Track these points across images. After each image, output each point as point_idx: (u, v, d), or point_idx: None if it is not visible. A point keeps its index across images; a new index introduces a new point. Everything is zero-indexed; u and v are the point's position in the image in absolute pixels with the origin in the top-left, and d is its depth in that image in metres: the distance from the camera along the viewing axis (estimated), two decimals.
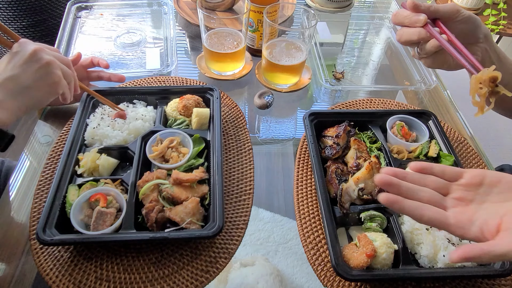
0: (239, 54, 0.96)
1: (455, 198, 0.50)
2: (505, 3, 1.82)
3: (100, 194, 0.64)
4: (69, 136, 0.73)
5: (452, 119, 0.95)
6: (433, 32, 0.61)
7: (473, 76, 0.54)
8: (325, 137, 0.79)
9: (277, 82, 0.96)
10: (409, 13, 0.63)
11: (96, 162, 0.71)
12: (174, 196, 0.65)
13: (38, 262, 0.62)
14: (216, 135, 0.75)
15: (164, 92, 0.85)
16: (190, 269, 0.62)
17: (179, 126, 0.80)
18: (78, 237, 0.59)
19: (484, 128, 2.16)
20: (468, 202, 0.50)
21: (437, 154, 0.77)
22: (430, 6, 0.62)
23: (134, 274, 0.61)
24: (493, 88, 0.51)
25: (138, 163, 0.71)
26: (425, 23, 0.62)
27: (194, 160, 0.72)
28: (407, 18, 0.63)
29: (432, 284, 0.63)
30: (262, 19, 0.92)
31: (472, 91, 0.51)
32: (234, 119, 0.87)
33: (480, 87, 0.51)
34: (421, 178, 0.52)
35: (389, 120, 0.80)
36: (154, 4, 1.24)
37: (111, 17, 1.18)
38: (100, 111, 0.80)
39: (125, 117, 0.79)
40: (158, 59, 1.04)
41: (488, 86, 0.50)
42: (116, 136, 0.75)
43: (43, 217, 0.60)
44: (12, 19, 1.56)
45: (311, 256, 0.65)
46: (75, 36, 1.10)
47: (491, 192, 0.50)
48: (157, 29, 1.15)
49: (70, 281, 0.60)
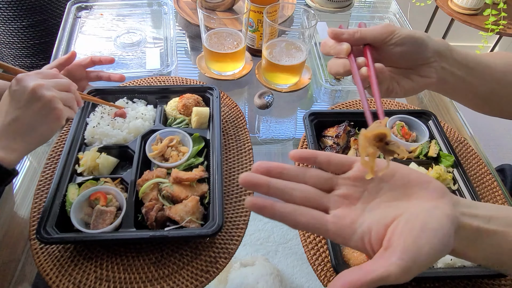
0: (239, 54, 0.96)
1: (339, 196, 0.41)
2: (505, 3, 1.82)
3: (100, 193, 0.65)
4: (69, 135, 0.73)
5: (452, 119, 0.95)
6: (351, 64, 0.53)
7: (360, 133, 0.43)
8: (325, 137, 0.79)
9: (277, 82, 0.96)
10: (333, 42, 0.55)
11: (96, 161, 0.71)
12: (173, 194, 0.65)
13: (38, 262, 0.61)
14: (215, 134, 0.75)
15: (164, 91, 0.85)
16: (190, 269, 0.62)
17: (179, 125, 0.80)
18: (78, 235, 0.59)
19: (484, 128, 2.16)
20: (354, 201, 0.41)
21: (437, 154, 0.77)
22: (355, 33, 0.53)
23: (134, 273, 0.61)
24: (384, 147, 0.40)
25: (138, 162, 0.71)
26: (348, 53, 0.53)
27: (193, 159, 0.72)
28: (332, 48, 0.55)
29: (432, 284, 0.63)
30: (262, 19, 0.92)
31: (360, 149, 0.41)
32: (234, 119, 0.87)
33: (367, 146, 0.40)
34: (300, 172, 0.42)
35: (389, 120, 0.80)
36: (154, 4, 1.24)
37: (111, 17, 1.18)
38: (100, 110, 0.80)
39: (125, 116, 0.79)
40: (158, 59, 1.04)
41: (374, 145, 0.40)
42: (116, 135, 0.75)
43: (43, 215, 0.61)
44: (12, 19, 1.56)
45: (311, 256, 0.65)
46: (75, 36, 1.10)
47: (382, 188, 0.41)
48: (157, 29, 1.15)
49: (70, 281, 0.60)
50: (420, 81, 0.56)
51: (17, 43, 1.66)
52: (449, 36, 2.09)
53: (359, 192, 0.41)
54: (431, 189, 0.40)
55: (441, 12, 1.97)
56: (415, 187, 0.40)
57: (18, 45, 1.66)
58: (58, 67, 0.79)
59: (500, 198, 0.75)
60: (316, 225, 0.39)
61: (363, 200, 0.41)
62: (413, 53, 0.54)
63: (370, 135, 0.40)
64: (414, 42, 0.53)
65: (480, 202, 0.40)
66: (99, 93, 0.83)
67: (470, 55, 0.58)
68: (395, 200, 0.40)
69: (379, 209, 0.39)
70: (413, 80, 0.56)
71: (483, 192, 0.76)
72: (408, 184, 0.41)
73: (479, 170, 0.80)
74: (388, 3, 1.35)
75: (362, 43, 0.54)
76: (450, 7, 1.91)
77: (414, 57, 0.55)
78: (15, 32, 1.61)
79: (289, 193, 0.40)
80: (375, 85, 0.50)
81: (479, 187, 0.77)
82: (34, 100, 0.57)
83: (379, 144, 0.40)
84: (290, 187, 0.41)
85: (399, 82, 0.56)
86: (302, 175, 0.42)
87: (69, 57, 0.81)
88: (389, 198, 0.40)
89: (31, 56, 1.72)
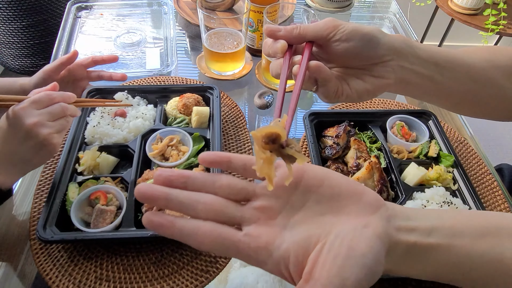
0: (239, 54, 0.96)
1: (256, 208, 0.35)
2: (505, 3, 1.82)
3: (100, 192, 0.65)
4: (69, 135, 0.73)
5: (452, 119, 0.95)
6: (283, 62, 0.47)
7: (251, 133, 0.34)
8: (325, 137, 0.79)
9: (277, 82, 0.96)
10: (272, 41, 0.49)
11: (96, 160, 0.71)
12: None
13: (38, 262, 0.61)
14: (215, 134, 0.75)
15: (164, 91, 0.85)
16: (190, 269, 0.62)
17: (179, 125, 0.80)
18: (79, 234, 0.59)
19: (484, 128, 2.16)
20: (273, 215, 0.35)
21: (437, 154, 0.77)
22: (293, 29, 0.48)
23: (134, 273, 0.61)
24: (279, 151, 0.32)
25: (138, 161, 0.71)
26: (284, 51, 0.48)
27: (194, 159, 0.72)
28: (270, 47, 0.49)
29: (432, 284, 0.62)
30: (262, 19, 0.92)
31: (255, 152, 0.33)
32: (234, 119, 0.87)
33: None
34: (208, 181, 0.36)
35: (389, 120, 0.81)
36: (154, 4, 1.24)
37: (111, 17, 1.18)
38: (100, 110, 0.80)
39: (125, 115, 0.79)
40: (158, 59, 1.04)
41: (265, 148, 0.32)
42: (116, 134, 0.75)
43: (44, 215, 0.61)
44: (12, 19, 1.56)
45: None
46: (75, 36, 1.10)
47: (308, 200, 0.35)
48: (157, 29, 1.15)
49: (70, 281, 0.59)
50: (375, 82, 0.50)
51: (17, 43, 1.66)
52: (449, 36, 2.10)
53: (281, 204, 0.35)
54: (363, 202, 0.35)
55: (441, 12, 1.97)
56: (345, 199, 0.35)
57: (18, 45, 1.67)
58: (60, 66, 0.80)
59: (500, 198, 0.75)
60: (223, 246, 0.33)
61: (285, 214, 0.35)
62: (362, 51, 0.48)
63: (258, 135, 0.32)
64: (362, 38, 0.47)
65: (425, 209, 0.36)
66: (99, 93, 0.83)
67: (440, 52, 0.52)
68: (321, 215, 0.34)
69: (302, 227, 0.34)
70: (366, 82, 0.50)
71: (483, 192, 0.76)
72: (338, 196, 0.35)
73: (479, 170, 0.80)
74: (388, 3, 1.35)
75: (302, 41, 0.49)
76: (450, 7, 1.91)
77: (364, 55, 0.48)
78: (15, 32, 1.61)
79: (192, 206, 0.34)
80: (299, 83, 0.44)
81: (479, 187, 0.77)
82: (29, 138, 0.59)
83: (272, 147, 0.32)
84: (194, 199, 0.34)
85: (349, 84, 0.50)
86: (211, 184, 0.36)
87: (71, 57, 0.81)
88: (315, 212, 0.35)
89: (31, 56, 1.72)
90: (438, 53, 0.51)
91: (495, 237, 0.35)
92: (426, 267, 0.35)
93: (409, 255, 0.34)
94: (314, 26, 0.48)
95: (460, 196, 0.72)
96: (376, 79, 0.50)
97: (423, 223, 0.35)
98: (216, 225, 0.33)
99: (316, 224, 0.34)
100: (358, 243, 0.31)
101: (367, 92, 0.50)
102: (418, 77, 0.50)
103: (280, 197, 0.36)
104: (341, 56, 0.49)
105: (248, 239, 0.33)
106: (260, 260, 0.33)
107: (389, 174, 0.74)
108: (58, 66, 0.79)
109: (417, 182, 0.72)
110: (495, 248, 0.35)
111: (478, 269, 0.35)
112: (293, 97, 0.42)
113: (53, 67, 0.79)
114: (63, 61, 0.80)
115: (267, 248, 0.32)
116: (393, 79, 0.49)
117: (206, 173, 0.37)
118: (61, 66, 0.80)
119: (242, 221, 0.35)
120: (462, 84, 0.53)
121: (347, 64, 0.51)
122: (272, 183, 0.33)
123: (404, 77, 0.50)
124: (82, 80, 0.86)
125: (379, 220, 0.33)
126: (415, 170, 0.73)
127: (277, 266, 0.32)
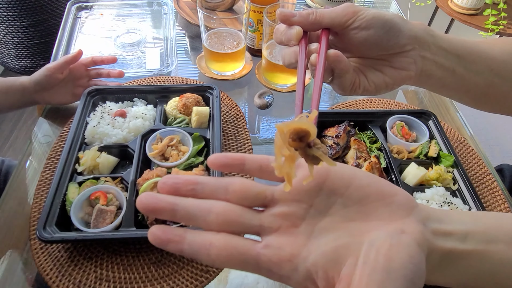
0: (239, 54, 0.96)
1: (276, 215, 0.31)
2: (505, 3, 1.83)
3: (100, 192, 0.65)
4: (69, 135, 0.73)
5: (452, 119, 0.95)
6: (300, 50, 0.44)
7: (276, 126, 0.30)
8: (325, 137, 0.79)
9: (277, 82, 0.96)
10: (285, 27, 0.45)
11: (96, 160, 0.71)
12: None
13: (38, 262, 0.61)
14: (215, 134, 0.75)
15: (164, 91, 0.85)
16: (190, 269, 0.62)
17: (179, 125, 0.80)
18: (79, 234, 0.59)
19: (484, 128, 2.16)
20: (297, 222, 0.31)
21: (437, 154, 0.77)
22: (309, 14, 0.43)
23: (134, 273, 0.61)
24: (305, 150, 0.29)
25: (138, 161, 0.71)
26: (299, 38, 0.44)
27: (194, 159, 0.72)
28: (283, 34, 0.45)
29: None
30: (262, 19, 0.92)
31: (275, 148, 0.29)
32: (234, 119, 0.87)
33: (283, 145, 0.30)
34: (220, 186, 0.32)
35: (389, 120, 0.81)
36: (154, 4, 1.24)
37: (111, 17, 1.18)
38: (100, 110, 0.80)
39: (125, 115, 0.79)
40: (158, 59, 1.04)
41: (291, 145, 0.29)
42: (116, 134, 0.75)
43: (44, 215, 0.61)
44: (12, 19, 1.56)
45: None
46: (75, 36, 1.10)
47: (334, 204, 0.31)
48: (157, 29, 1.15)
49: (70, 281, 0.59)
50: (395, 74, 0.46)
51: (17, 43, 1.66)
52: None
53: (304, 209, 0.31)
54: (395, 204, 0.31)
55: (441, 12, 1.98)
56: (375, 202, 0.31)
57: (18, 45, 1.67)
58: (64, 65, 0.81)
59: (500, 198, 0.75)
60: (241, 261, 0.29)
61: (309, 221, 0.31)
62: (383, 40, 0.44)
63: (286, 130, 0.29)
64: (383, 26, 0.43)
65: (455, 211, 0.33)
66: (100, 93, 0.83)
67: (460, 42, 0.47)
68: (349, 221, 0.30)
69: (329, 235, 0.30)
70: (385, 74, 0.46)
71: (483, 192, 0.76)
72: (367, 198, 0.31)
73: (479, 170, 0.80)
74: (388, 3, 1.35)
75: (318, 27, 0.45)
76: (450, 7, 1.91)
77: (384, 44, 0.44)
78: (15, 32, 1.61)
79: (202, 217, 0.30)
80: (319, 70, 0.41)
81: (479, 187, 0.77)
82: None
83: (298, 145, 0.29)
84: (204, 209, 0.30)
85: (367, 76, 0.46)
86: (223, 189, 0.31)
87: (76, 56, 0.82)
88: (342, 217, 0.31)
89: (31, 56, 1.72)
90: (457, 42, 0.47)
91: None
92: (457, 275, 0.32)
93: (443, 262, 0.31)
94: (332, 12, 0.43)
95: (460, 196, 0.72)
96: (396, 71, 0.46)
97: (458, 227, 0.31)
98: (231, 237, 0.29)
99: (345, 231, 0.30)
100: (396, 253, 0.27)
101: (385, 85, 0.47)
102: (439, 69, 0.47)
103: (302, 201, 0.31)
104: (359, 45, 0.45)
105: (269, 251, 0.29)
106: (284, 274, 0.29)
107: (389, 174, 0.74)
108: (62, 65, 0.80)
109: (417, 182, 0.72)
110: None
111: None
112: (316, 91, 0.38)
113: (57, 65, 0.79)
114: (67, 60, 0.80)
115: (292, 261, 0.28)
116: (414, 70, 0.46)
117: (216, 178, 0.33)
118: (66, 65, 0.81)
119: (261, 231, 0.31)
120: (483, 78, 0.49)
121: (365, 54, 0.47)
122: (291, 183, 0.29)
123: (425, 69, 0.46)
124: (82, 78, 0.87)
125: (416, 225, 0.29)
126: (415, 170, 0.73)
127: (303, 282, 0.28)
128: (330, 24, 0.44)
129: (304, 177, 0.30)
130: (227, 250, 0.29)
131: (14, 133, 1.85)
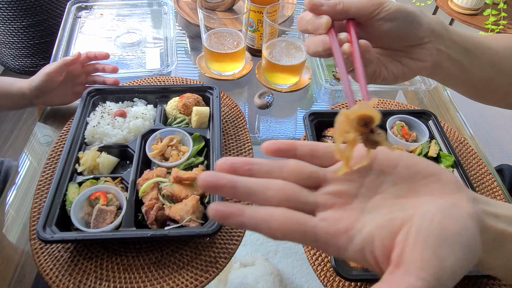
0: (239, 54, 0.96)
1: (329, 193, 0.33)
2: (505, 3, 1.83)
3: (100, 192, 0.65)
4: (69, 135, 0.73)
5: (452, 119, 0.95)
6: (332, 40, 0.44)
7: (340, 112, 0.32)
8: (325, 137, 0.79)
9: (277, 82, 0.96)
10: (312, 16, 0.46)
11: (96, 160, 0.71)
12: (174, 194, 0.65)
13: (38, 262, 0.61)
14: (215, 133, 0.75)
15: (164, 91, 0.85)
16: (190, 269, 0.62)
17: (179, 125, 0.80)
18: (79, 234, 0.59)
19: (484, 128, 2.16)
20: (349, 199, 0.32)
21: (437, 154, 0.77)
22: (336, 4, 0.45)
23: (134, 273, 0.61)
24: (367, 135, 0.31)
25: (138, 161, 0.71)
26: (328, 28, 0.44)
27: (194, 159, 0.72)
28: (309, 23, 0.46)
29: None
30: (262, 19, 0.92)
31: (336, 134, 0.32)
32: (234, 119, 0.87)
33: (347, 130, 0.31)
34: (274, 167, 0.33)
35: (389, 120, 0.81)
36: (154, 4, 1.24)
37: (111, 17, 1.18)
38: (100, 110, 0.80)
39: (125, 115, 0.79)
40: (158, 59, 1.04)
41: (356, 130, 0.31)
42: (116, 134, 0.75)
43: (44, 215, 0.60)
44: (12, 19, 1.56)
45: (311, 256, 0.64)
46: (75, 36, 1.10)
47: (384, 182, 0.33)
48: (157, 29, 1.15)
49: (70, 281, 0.59)
50: (412, 65, 0.48)
51: (17, 43, 1.66)
52: None
53: (355, 187, 0.33)
54: (444, 181, 0.31)
55: (441, 12, 1.98)
56: (424, 179, 0.32)
57: (18, 45, 1.67)
58: (63, 68, 0.80)
59: (500, 198, 0.75)
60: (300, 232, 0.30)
61: (361, 198, 0.32)
62: (405, 31, 0.46)
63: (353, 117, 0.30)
64: (406, 18, 0.45)
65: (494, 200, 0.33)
66: (99, 93, 0.83)
67: (469, 36, 0.50)
68: (400, 198, 0.31)
69: (382, 210, 0.31)
70: (403, 64, 0.49)
71: (483, 192, 0.76)
72: (415, 176, 0.32)
73: (479, 170, 0.80)
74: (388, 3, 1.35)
75: (344, 17, 0.46)
76: (450, 7, 1.91)
77: (406, 36, 0.47)
78: (15, 32, 1.61)
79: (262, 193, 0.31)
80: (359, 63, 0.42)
81: (479, 187, 0.77)
82: None
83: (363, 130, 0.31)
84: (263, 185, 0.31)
85: (387, 66, 0.48)
86: (278, 170, 0.33)
87: (75, 59, 0.82)
88: (393, 195, 0.32)
89: (31, 56, 1.72)
90: (466, 36, 0.49)
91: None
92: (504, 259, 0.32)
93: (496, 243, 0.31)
94: (358, 2, 0.45)
95: None
96: (413, 62, 0.48)
97: (503, 211, 0.31)
98: (289, 211, 0.30)
99: (397, 206, 0.31)
100: (450, 223, 0.27)
101: (403, 75, 0.49)
102: (450, 62, 0.49)
103: (353, 181, 0.33)
104: (382, 36, 0.47)
105: (326, 224, 0.30)
106: (341, 246, 0.30)
107: None
108: (61, 67, 0.80)
109: None
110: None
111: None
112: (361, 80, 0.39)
113: (56, 69, 0.79)
114: (66, 62, 0.80)
115: (347, 233, 0.30)
116: (429, 62, 0.48)
117: (271, 160, 0.34)
118: (64, 67, 0.80)
119: (316, 207, 0.32)
120: (484, 72, 0.51)
121: (386, 45, 0.49)
122: (348, 166, 0.32)
123: (439, 61, 0.49)
124: (80, 76, 0.87)
125: (467, 201, 0.30)
126: None
127: (361, 252, 0.29)
128: (356, 14, 0.45)
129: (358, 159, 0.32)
130: (287, 222, 0.30)
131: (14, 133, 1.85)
